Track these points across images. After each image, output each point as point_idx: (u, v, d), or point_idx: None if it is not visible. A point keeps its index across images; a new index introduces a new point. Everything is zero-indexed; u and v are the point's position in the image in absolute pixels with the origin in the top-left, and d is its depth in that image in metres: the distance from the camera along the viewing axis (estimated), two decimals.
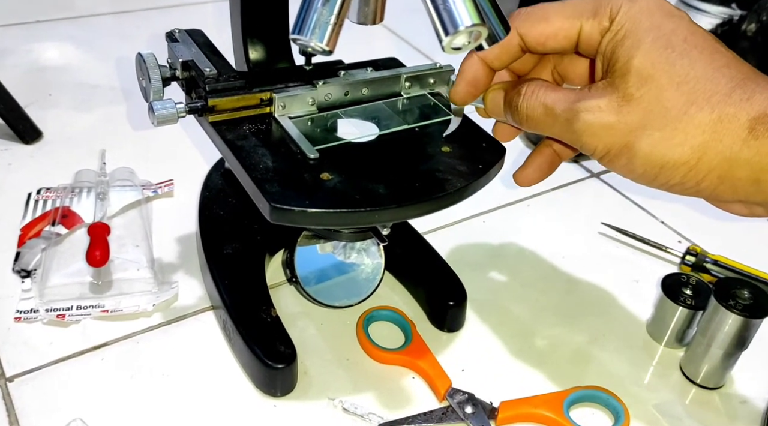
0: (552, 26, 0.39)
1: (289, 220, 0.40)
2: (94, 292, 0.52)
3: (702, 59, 0.36)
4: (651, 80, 0.36)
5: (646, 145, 0.36)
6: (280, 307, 0.50)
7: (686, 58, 0.36)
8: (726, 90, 0.35)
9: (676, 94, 0.35)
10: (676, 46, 0.36)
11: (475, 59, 0.42)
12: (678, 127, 0.35)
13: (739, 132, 0.35)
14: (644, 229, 0.65)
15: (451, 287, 0.53)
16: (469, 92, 0.43)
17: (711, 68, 0.36)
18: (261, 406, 0.46)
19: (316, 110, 0.47)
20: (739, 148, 0.35)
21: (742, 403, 0.50)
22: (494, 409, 0.46)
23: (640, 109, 0.36)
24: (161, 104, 0.43)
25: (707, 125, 0.35)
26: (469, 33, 0.33)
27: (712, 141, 0.35)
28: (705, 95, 0.35)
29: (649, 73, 0.36)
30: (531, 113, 0.40)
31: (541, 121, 0.40)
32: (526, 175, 0.48)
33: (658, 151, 0.36)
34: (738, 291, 0.47)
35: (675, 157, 0.36)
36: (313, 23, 0.35)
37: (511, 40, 0.40)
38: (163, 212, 0.62)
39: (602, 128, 0.37)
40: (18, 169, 0.66)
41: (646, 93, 0.36)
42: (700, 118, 0.35)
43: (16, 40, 0.88)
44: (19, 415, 0.44)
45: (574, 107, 0.38)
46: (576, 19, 0.38)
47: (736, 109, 0.35)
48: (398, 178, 0.42)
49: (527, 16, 0.40)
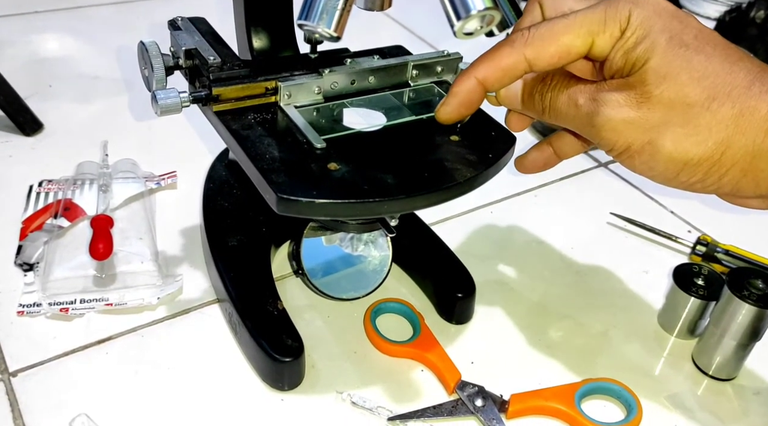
0: (563, 46, 0.37)
1: (296, 211, 0.39)
2: (97, 285, 0.51)
3: (717, 54, 0.36)
4: (669, 78, 0.35)
5: (669, 142, 0.36)
6: (287, 299, 0.49)
7: (702, 53, 0.35)
8: (745, 83, 0.35)
9: (696, 90, 0.35)
10: (690, 43, 0.36)
11: (473, 82, 0.39)
12: (701, 123, 0.35)
13: (761, 124, 0.34)
14: (653, 218, 0.64)
15: (460, 279, 0.52)
16: (460, 113, 0.41)
17: (728, 62, 0.35)
18: (268, 400, 0.45)
19: (322, 99, 0.46)
20: (762, 139, 0.34)
21: (756, 395, 0.49)
22: (505, 402, 0.45)
23: (661, 106, 0.35)
24: (165, 93, 0.42)
25: (730, 119, 0.35)
26: (481, 17, 0.32)
27: (735, 135, 0.35)
28: (725, 89, 0.35)
29: (667, 71, 0.35)
30: (554, 103, 0.39)
31: (563, 112, 0.39)
32: (523, 164, 0.49)
33: (682, 148, 0.35)
34: (752, 281, 0.47)
35: (699, 153, 0.35)
36: (320, 8, 0.35)
37: (516, 66, 0.37)
38: (166, 204, 0.61)
39: (623, 123, 0.36)
40: (19, 161, 0.65)
41: (665, 90, 0.35)
42: (722, 112, 0.35)
43: (15, 31, 0.87)
44: (23, 410, 0.43)
45: (595, 99, 0.37)
46: (588, 35, 0.37)
47: (756, 102, 0.35)
48: (406, 168, 0.42)
49: (534, 40, 0.37)
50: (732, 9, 0.93)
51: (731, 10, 0.93)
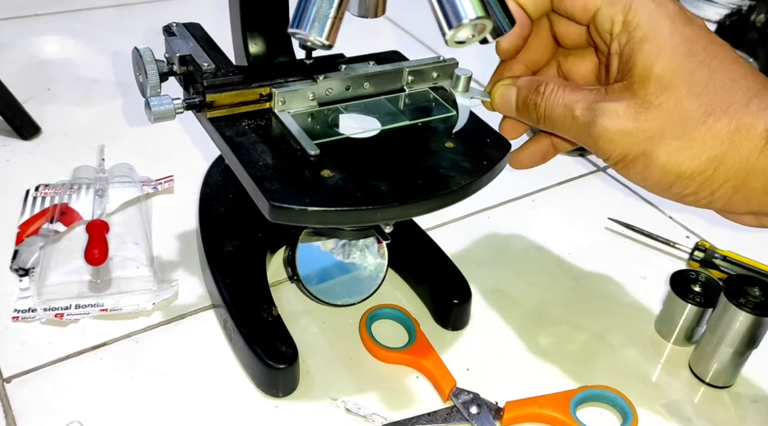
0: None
1: (290, 219, 0.39)
2: (93, 290, 0.51)
3: (721, 70, 0.36)
4: (671, 88, 0.35)
5: (663, 154, 0.36)
6: (282, 305, 0.49)
7: (706, 67, 0.35)
8: (743, 100, 0.35)
9: (695, 104, 0.35)
10: (697, 54, 0.36)
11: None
12: (696, 136, 0.35)
13: (757, 141, 0.34)
14: (651, 224, 0.63)
15: (456, 285, 0.52)
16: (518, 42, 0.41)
17: (729, 79, 0.35)
18: (262, 407, 0.45)
19: (317, 105, 0.46)
20: (756, 157, 0.34)
21: (753, 403, 0.49)
22: (500, 410, 0.45)
23: (659, 117, 0.35)
24: (158, 100, 0.42)
25: (725, 135, 0.35)
26: (473, 26, 0.32)
27: (729, 151, 0.35)
28: (723, 106, 0.35)
29: (670, 81, 0.35)
30: (550, 113, 0.39)
31: (559, 122, 0.39)
32: (519, 160, 0.48)
33: (675, 160, 0.36)
34: (749, 288, 0.46)
35: (692, 166, 0.36)
36: (312, 16, 0.34)
37: None
38: (162, 209, 0.61)
39: (619, 134, 0.36)
40: (16, 165, 0.65)
41: (665, 101, 0.35)
42: (718, 128, 0.35)
43: (14, 34, 0.87)
44: (17, 416, 0.43)
45: (592, 109, 0.37)
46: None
47: (753, 119, 0.35)
48: (401, 175, 0.41)
49: None
50: (732, 12, 0.92)
51: (732, 13, 0.92)
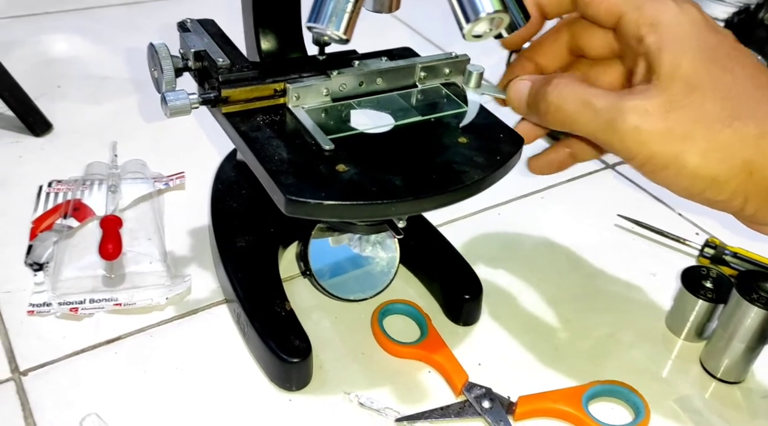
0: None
1: (305, 213, 0.39)
2: (106, 285, 0.52)
3: (744, 76, 0.35)
4: (697, 90, 0.35)
5: (695, 157, 0.35)
6: (294, 300, 0.50)
7: (729, 73, 0.35)
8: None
9: (720, 108, 0.35)
10: (720, 60, 0.35)
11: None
12: (722, 138, 0.35)
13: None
14: (661, 221, 0.64)
15: (467, 280, 0.52)
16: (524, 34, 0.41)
17: (752, 86, 0.35)
18: (276, 401, 0.45)
19: (331, 101, 0.46)
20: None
21: (764, 398, 0.49)
22: (512, 404, 0.45)
23: (688, 119, 0.35)
24: (174, 95, 0.43)
25: (752, 139, 0.34)
26: (490, 20, 0.32)
27: (757, 156, 0.34)
28: (748, 112, 0.35)
29: (696, 83, 0.35)
30: (562, 104, 0.38)
31: (573, 115, 0.38)
32: (537, 166, 0.48)
33: (708, 164, 0.35)
34: (761, 284, 0.46)
35: (724, 170, 0.35)
36: (330, 11, 0.35)
37: None
38: (175, 205, 0.61)
39: (650, 134, 0.35)
40: (29, 161, 0.65)
41: (692, 102, 0.35)
42: (744, 132, 0.34)
43: (25, 32, 0.87)
44: (34, 409, 0.43)
45: (618, 105, 0.36)
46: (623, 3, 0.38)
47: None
48: (415, 169, 0.42)
49: None
50: (740, 10, 0.92)
51: (739, 11, 0.92)
